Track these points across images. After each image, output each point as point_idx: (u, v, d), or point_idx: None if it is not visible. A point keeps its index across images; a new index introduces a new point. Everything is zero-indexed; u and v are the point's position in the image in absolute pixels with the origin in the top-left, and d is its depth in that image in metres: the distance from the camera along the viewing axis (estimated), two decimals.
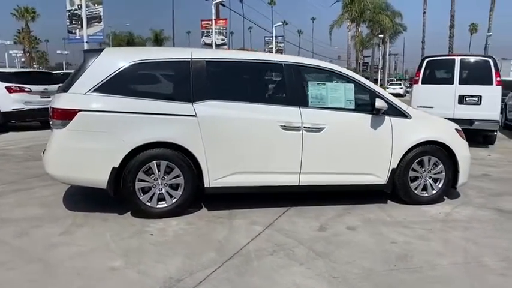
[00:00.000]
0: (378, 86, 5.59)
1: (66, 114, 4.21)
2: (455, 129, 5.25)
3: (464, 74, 9.57)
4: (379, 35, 50.25)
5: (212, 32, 31.07)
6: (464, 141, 5.24)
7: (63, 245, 3.75)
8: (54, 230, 4.10)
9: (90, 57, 4.42)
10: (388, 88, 37.87)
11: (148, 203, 4.39)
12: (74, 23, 20.39)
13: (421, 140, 4.91)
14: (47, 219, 4.40)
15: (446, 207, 5.00)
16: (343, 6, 45.39)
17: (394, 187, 4.98)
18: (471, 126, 9.02)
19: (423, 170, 5.02)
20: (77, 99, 4.26)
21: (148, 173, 4.35)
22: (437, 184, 5.09)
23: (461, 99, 9.48)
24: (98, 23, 20.06)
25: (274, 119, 4.53)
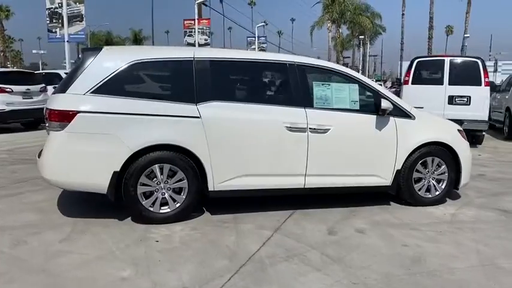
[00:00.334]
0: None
1: (65, 116, 4.01)
2: (457, 130, 5.26)
3: (454, 74, 9.67)
4: (360, 36, 50.78)
5: (195, 32, 30.77)
6: (466, 141, 5.25)
7: (66, 253, 3.55)
8: (53, 237, 3.89)
9: (89, 56, 4.23)
10: None
11: (151, 208, 4.22)
12: (54, 21, 19.85)
13: (426, 141, 4.88)
14: (44, 226, 4.17)
15: (450, 208, 4.98)
16: (324, 8, 45.62)
17: (398, 188, 4.94)
18: (461, 127, 9.09)
19: (427, 171, 4.99)
20: (75, 100, 4.06)
21: (151, 176, 4.18)
22: (440, 185, 5.07)
23: (451, 100, 9.59)
24: (80, 21, 19.64)
25: (279, 120, 4.43)
